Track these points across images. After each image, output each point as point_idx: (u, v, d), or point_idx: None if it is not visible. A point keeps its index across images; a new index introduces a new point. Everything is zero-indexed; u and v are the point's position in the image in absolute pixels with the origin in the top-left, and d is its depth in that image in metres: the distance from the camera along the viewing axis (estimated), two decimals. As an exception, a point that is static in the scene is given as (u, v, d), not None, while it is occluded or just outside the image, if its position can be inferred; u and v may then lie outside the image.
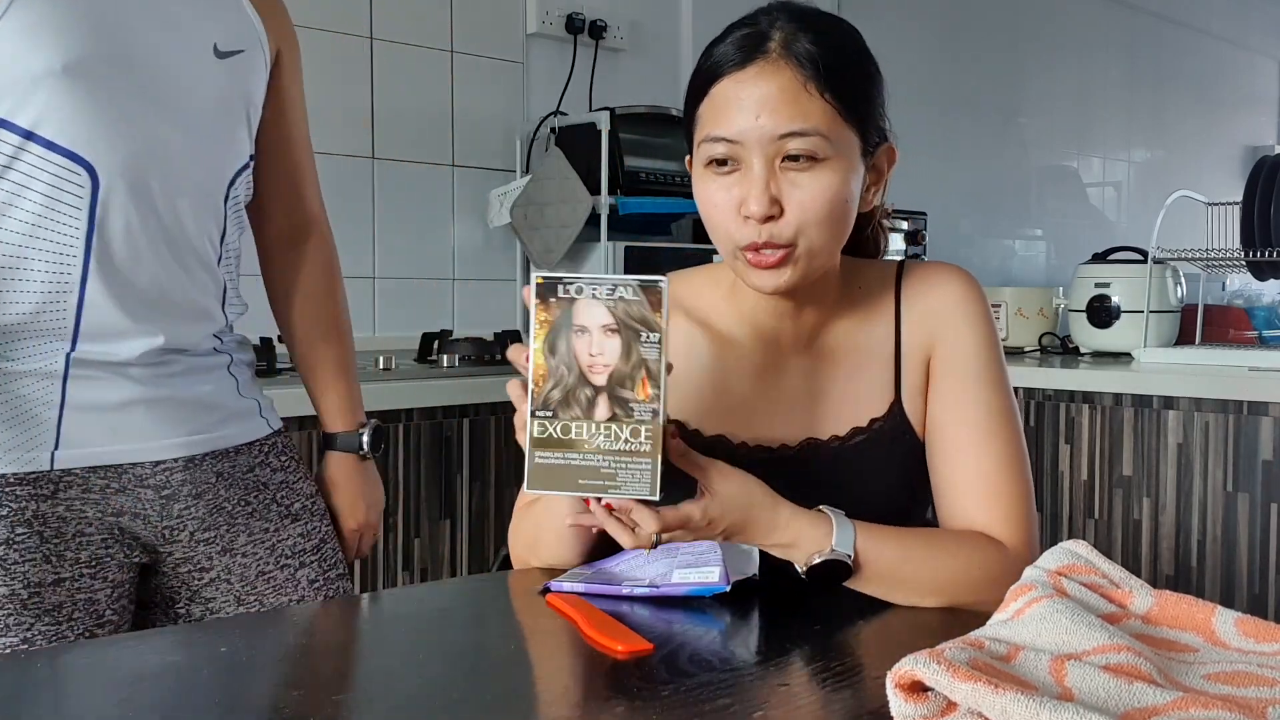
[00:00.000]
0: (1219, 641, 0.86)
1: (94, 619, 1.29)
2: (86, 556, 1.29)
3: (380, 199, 2.96)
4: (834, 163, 1.08)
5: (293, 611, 1.29)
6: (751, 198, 1.07)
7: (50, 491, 1.27)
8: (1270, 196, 2.77)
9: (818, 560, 1.05)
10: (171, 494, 1.34)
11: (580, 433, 0.97)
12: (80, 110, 1.23)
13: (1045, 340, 3.30)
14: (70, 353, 1.28)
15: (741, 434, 1.19)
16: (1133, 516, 2.60)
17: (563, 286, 0.97)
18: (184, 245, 1.33)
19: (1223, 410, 2.46)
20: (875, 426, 1.19)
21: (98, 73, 1.24)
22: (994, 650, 0.79)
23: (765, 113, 1.06)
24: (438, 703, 0.85)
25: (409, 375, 2.38)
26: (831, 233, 1.10)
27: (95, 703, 0.86)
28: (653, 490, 0.98)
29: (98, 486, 1.30)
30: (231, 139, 1.38)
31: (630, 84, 3.38)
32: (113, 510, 1.31)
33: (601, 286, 0.97)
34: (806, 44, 1.07)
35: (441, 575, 2.32)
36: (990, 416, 1.17)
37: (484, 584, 1.30)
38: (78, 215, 1.25)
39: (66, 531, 1.28)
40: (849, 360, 1.20)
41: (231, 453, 1.40)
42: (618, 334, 0.97)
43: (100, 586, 1.30)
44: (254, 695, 0.88)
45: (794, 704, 0.85)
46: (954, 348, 1.19)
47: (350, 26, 2.89)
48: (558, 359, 0.97)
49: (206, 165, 1.35)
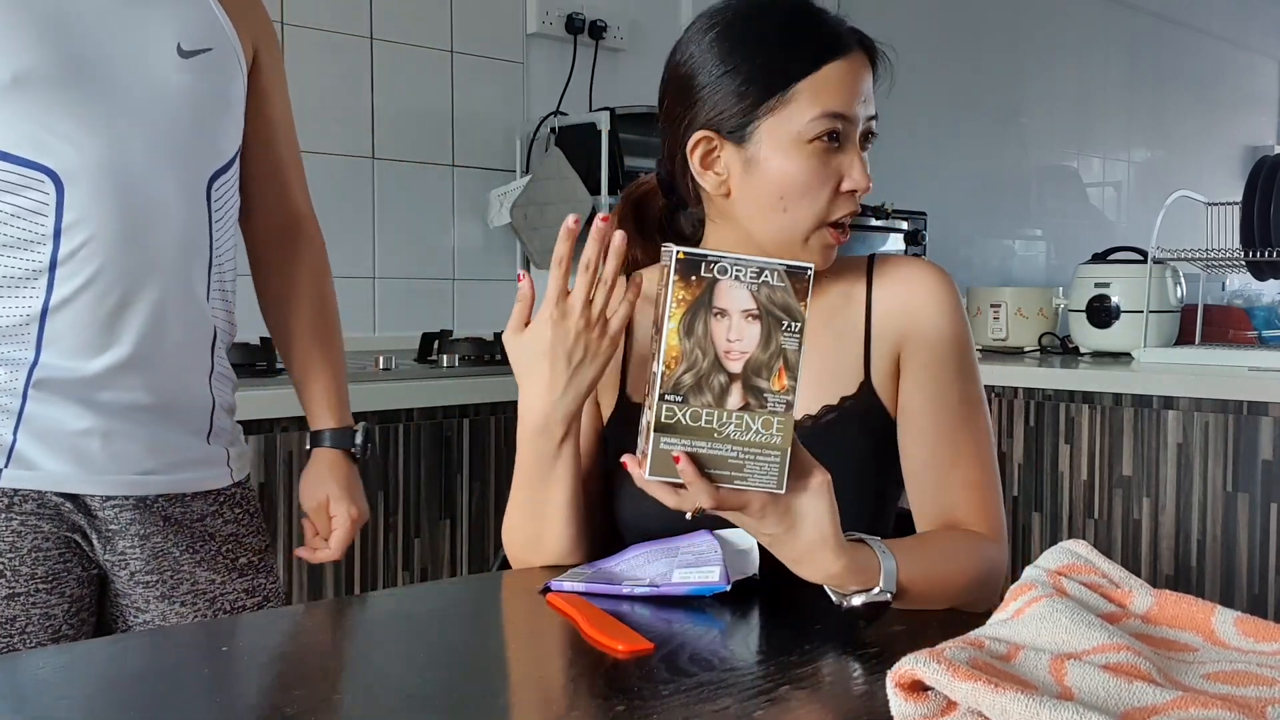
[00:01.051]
0: (1219, 641, 0.86)
1: (50, 634, 1.27)
2: (43, 572, 1.27)
3: (380, 199, 2.96)
4: None
5: (293, 611, 1.29)
6: (859, 174, 1.16)
7: (4, 506, 1.26)
8: (1270, 196, 2.77)
9: (860, 601, 1.00)
10: (119, 530, 1.32)
11: (711, 420, 0.93)
12: (34, 119, 1.22)
13: (1045, 340, 3.30)
14: (33, 365, 1.25)
15: None
16: (1133, 516, 2.60)
17: (705, 265, 0.91)
18: (161, 250, 1.29)
19: (1223, 410, 2.46)
20: (846, 404, 1.20)
21: (50, 80, 1.23)
22: (994, 650, 0.79)
23: (868, 98, 1.17)
24: (438, 703, 0.85)
25: (409, 375, 2.38)
26: None
27: (95, 703, 0.86)
28: (780, 484, 0.94)
29: (52, 503, 1.28)
30: (205, 139, 1.35)
31: (630, 84, 3.38)
32: (68, 527, 1.29)
33: (746, 269, 0.92)
34: (868, 42, 1.19)
35: (441, 575, 2.32)
36: (962, 404, 1.18)
37: (484, 584, 1.30)
38: (42, 223, 1.23)
39: (22, 546, 1.26)
40: (819, 341, 1.22)
41: (186, 498, 1.36)
42: (758, 320, 0.92)
43: (57, 602, 1.28)
44: (254, 695, 0.88)
45: (794, 704, 0.85)
46: (926, 337, 1.20)
47: (350, 26, 2.89)
48: (693, 342, 0.92)
49: (178, 166, 1.31)
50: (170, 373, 1.33)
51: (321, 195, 1.47)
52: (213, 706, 0.84)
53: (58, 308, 1.25)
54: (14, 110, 1.22)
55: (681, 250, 0.92)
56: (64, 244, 1.24)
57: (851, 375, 1.21)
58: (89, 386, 1.27)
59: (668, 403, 0.92)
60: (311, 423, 1.54)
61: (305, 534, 1.52)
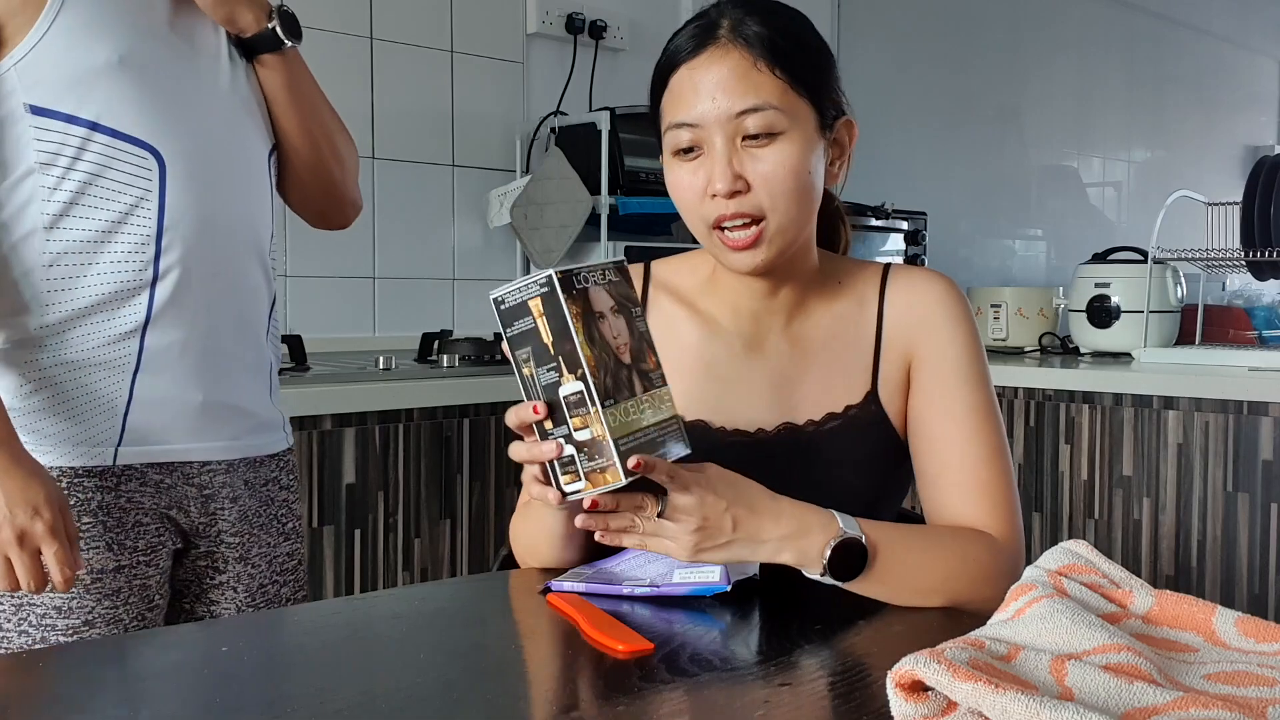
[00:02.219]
0: (1219, 641, 0.86)
1: (145, 603, 1.35)
2: (143, 545, 1.35)
3: (380, 199, 2.96)
4: (792, 135, 1.12)
5: (293, 612, 1.29)
6: (716, 175, 1.12)
7: (113, 484, 1.33)
8: (1270, 196, 2.77)
9: (835, 543, 1.04)
10: (211, 494, 1.40)
11: (635, 411, 0.99)
12: (140, 99, 1.30)
13: (1045, 340, 3.30)
14: (142, 341, 1.32)
15: (720, 419, 1.21)
16: (1133, 516, 2.60)
17: (576, 277, 0.97)
18: (242, 229, 1.38)
19: (1223, 410, 2.46)
20: (850, 413, 1.21)
21: (154, 61, 1.31)
22: (994, 650, 0.79)
23: (720, 93, 1.11)
24: (438, 703, 0.85)
25: (409, 375, 2.38)
26: (799, 204, 1.14)
27: (96, 703, 0.86)
28: (688, 445, 1.03)
29: (154, 480, 1.35)
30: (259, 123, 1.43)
31: (630, 84, 3.37)
32: (165, 502, 1.36)
33: (595, 272, 0.99)
34: (754, 26, 1.13)
35: (441, 575, 2.32)
36: (974, 412, 1.18)
37: (484, 584, 1.30)
38: (149, 199, 1.31)
39: (127, 521, 1.33)
40: (828, 349, 1.22)
41: (257, 462, 1.45)
42: (621, 313, 1.00)
43: (152, 573, 1.36)
44: (254, 695, 0.88)
45: (794, 704, 0.85)
46: (938, 347, 1.20)
47: (350, 26, 2.89)
48: (598, 348, 0.97)
49: (249, 150, 1.40)
50: (251, 338, 1.43)
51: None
52: (213, 706, 0.84)
53: (164, 275, 1.32)
54: (124, 91, 1.29)
55: (558, 270, 0.96)
56: (167, 216, 1.32)
57: (858, 385, 1.21)
58: (188, 352, 1.35)
59: (609, 409, 0.97)
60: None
61: None
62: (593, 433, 0.96)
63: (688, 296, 1.26)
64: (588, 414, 0.96)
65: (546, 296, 0.96)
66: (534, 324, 0.96)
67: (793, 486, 1.08)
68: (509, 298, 0.97)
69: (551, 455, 0.98)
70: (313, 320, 2.78)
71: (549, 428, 0.98)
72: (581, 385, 0.96)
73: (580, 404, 0.96)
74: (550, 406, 0.97)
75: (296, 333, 2.50)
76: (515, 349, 0.98)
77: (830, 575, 1.05)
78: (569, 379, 0.96)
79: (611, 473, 0.96)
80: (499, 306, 0.98)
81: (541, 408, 0.97)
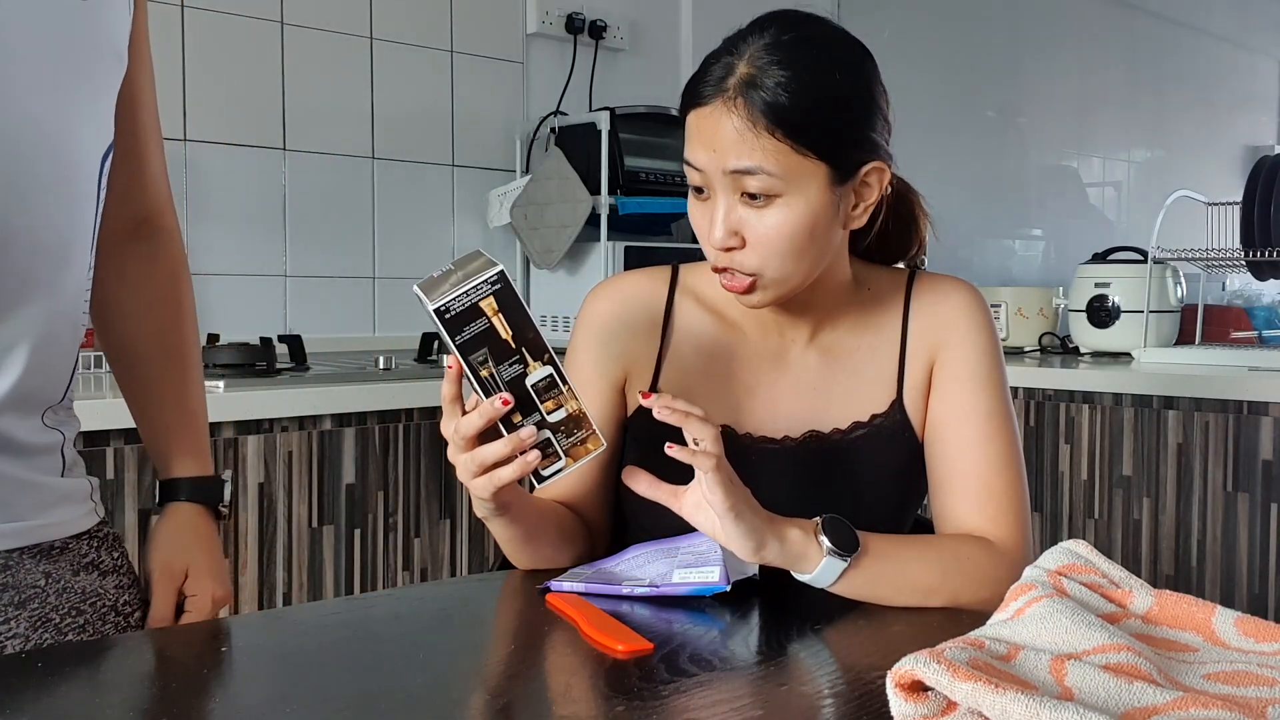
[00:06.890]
0: (1219, 641, 0.86)
1: None
2: None
3: (380, 199, 2.96)
4: (792, 198, 1.09)
5: (292, 612, 1.29)
6: (715, 227, 1.11)
7: None
8: (1270, 196, 2.77)
9: (822, 520, 1.05)
10: None
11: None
12: None
13: (1045, 340, 3.30)
14: None
15: (746, 425, 1.21)
16: (1133, 516, 2.59)
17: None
18: (23, 250, 0.96)
19: (1223, 410, 2.46)
20: (876, 422, 1.21)
21: None
22: (994, 650, 0.79)
23: (718, 150, 1.09)
24: (438, 703, 0.85)
25: (409, 375, 2.38)
26: (796, 262, 1.12)
27: (95, 703, 0.86)
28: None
29: None
30: (98, 106, 1.03)
31: (630, 84, 3.38)
32: None
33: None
34: (768, 80, 1.07)
35: (441, 575, 2.32)
36: (990, 418, 1.19)
37: (484, 584, 1.30)
38: None
39: None
40: (854, 357, 1.22)
41: (58, 548, 1.06)
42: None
43: None
44: (254, 695, 0.88)
45: (794, 704, 0.85)
46: (959, 352, 1.21)
47: (350, 26, 2.89)
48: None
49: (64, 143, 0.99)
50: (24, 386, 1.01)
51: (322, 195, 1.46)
52: (213, 706, 0.84)
53: None
54: None
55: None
56: None
57: (884, 393, 1.22)
58: None
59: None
60: (163, 468, 1.20)
61: (154, 601, 1.18)
62: (568, 410, 0.99)
63: (714, 303, 1.25)
64: (560, 394, 0.99)
65: (499, 293, 0.96)
66: (489, 324, 0.97)
67: (819, 495, 1.09)
68: (453, 305, 0.95)
69: (537, 439, 0.99)
70: (313, 320, 2.78)
71: (516, 420, 0.99)
72: (550, 369, 0.98)
73: (551, 387, 0.99)
74: (517, 399, 0.98)
75: (296, 333, 2.50)
76: (469, 354, 0.97)
77: (828, 539, 1.04)
78: (535, 367, 0.98)
79: (593, 440, 1.00)
80: (443, 317, 0.95)
81: (509, 399, 0.98)
